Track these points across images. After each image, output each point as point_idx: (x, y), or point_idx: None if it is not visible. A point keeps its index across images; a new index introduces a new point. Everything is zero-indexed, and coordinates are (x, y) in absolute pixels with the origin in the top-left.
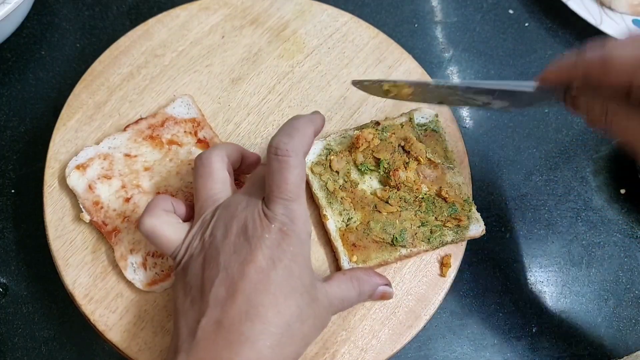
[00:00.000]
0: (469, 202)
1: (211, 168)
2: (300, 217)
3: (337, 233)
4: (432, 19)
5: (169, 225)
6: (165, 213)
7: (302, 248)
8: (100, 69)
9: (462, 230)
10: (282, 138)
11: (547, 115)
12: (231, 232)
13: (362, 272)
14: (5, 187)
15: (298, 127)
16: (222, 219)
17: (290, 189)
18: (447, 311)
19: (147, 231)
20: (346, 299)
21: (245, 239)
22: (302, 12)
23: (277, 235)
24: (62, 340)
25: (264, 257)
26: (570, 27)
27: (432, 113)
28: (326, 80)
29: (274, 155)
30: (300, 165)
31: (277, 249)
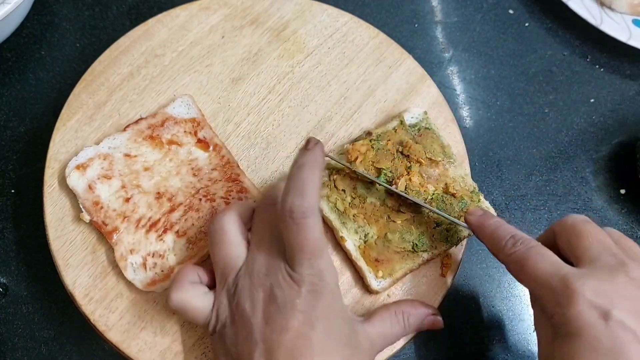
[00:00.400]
0: (476, 192)
1: (224, 233)
2: (328, 271)
3: (357, 252)
4: (432, 19)
5: (197, 297)
6: (192, 286)
7: (335, 300)
8: (100, 69)
9: None
10: (295, 200)
11: (547, 115)
12: (258, 302)
13: (407, 304)
14: (5, 187)
15: (306, 180)
16: (246, 289)
17: (313, 246)
18: (447, 311)
19: (177, 306)
20: (391, 335)
21: (275, 308)
22: (302, 12)
23: (308, 296)
24: (62, 340)
25: (300, 323)
26: (570, 27)
27: (421, 111)
28: (326, 80)
29: (290, 218)
30: (319, 220)
31: (312, 310)
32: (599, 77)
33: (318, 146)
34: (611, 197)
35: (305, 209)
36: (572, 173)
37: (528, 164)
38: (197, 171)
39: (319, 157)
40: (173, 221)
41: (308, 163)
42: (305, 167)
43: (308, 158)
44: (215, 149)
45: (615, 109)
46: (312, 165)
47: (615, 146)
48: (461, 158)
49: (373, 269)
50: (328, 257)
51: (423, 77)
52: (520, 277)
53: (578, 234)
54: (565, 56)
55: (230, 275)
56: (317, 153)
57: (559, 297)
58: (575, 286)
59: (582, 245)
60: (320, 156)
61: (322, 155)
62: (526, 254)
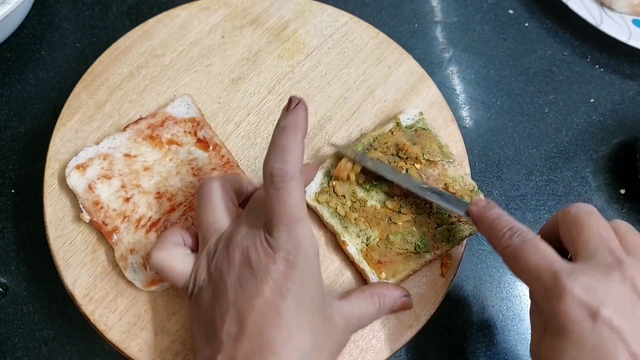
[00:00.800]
0: (476, 191)
1: (211, 196)
2: (305, 240)
3: (360, 255)
4: (432, 19)
5: (177, 258)
6: (173, 246)
7: (311, 272)
8: (100, 69)
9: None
10: (275, 163)
11: (547, 115)
12: (234, 264)
13: (381, 286)
14: (5, 187)
15: (287, 145)
16: (224, 251)
17: (292, 213)
18: (447, 311)
19: (156, 265)
20: (365, 316)
21: (250, 272)
22: (302, 12)
23: (283, 264)
24: (62, 340)
25: (271, 290)
26: (570, 27)
27: (416, 112)
28: (326, 80)
29: (270, 181)
30: (299, 186)
31: (284, 279)
32: (599, 77)
33: (300, 106)
34: (611, 197)
35: (285, 172)
36: (572, 173)
37: (528, 164)
38: (197, 171)
39: (301, 119)
40: (173, 221)
41: (289, 125)
42: (287, 130)
43: (290, 120)
44: (215, 148)
45: (615, 109)
46: (293, 128)
47: (615, 146)
48: (461, 158)
49: (376, 270)
50: (307, 225)
51: (423, 77)
52: (515, 270)
53: (579, 226)
54: (565, 56)
55: (212, 238)
56: (299, 114)
57: (549, 292)
58: (565, 282)
59: (581, 238)
60: (302, 118)
61: (304, 117)
62: (521, 246)
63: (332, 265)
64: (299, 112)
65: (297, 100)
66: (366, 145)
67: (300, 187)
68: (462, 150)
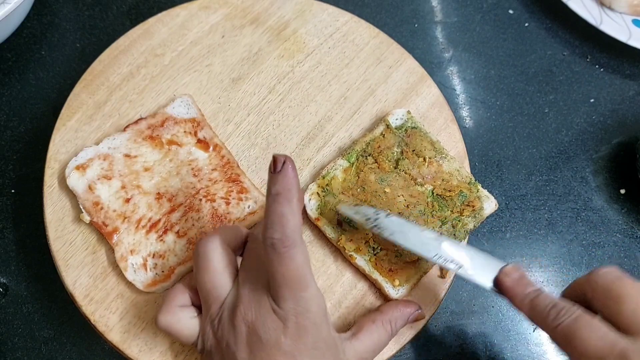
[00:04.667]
0: (473, 182)
1: (208, 260)
2: (314, 302)
3: (370, 266)
4: (432, 19)
5: (183, 322)
6: (180, 309)
7: (321, 331)
8: (100, 69)
9: (478, 212)
10: (274, 234)
11: (547, 115)
12: (241, 337)
13: (391, 310)
14: (5, 187)
15: (283, 213)
16: (230, 323)
17: (297, 278)
18: (447, 311)
19: (163, 329)
20: (379, 346)
21: (259, 347)
22: (302, 12)
23: (293, 333)
24: (62, 340)
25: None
26: (570, 27)
27: (404, 111)
28: (326, 80)
29: (272, 250)
30: (301, 250)
31: (296, 347)
32: (599, 77)
33: (287, 167)
34: (611, 197)
35: (284, 239)
36: (572, 173)
37: (528, 164)
38: (197, 171)
39: (292, 182)
40: (173, 222)
41: (283, 192)
42: (280, 198)
43: (282, 186)
44: (215, 149)
45: (615, 109)
46: (286, 194)
47: (615, 146)
48: (461, 158)
49: (389, 279)
50: (314, 287)
51: (423, 77)
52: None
53: (617, 298)
54: (565, 56)
55: (214, 305)
56: (288, 177)
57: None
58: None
59: (626, 311)
60: (292, 179)
61: (294, 177)
62: (573, 326)
63: (343, 278)
64: (288, 175)
65: (282, 159)
66: (360, 152)
67: (303, 250)
68: (462, 150)
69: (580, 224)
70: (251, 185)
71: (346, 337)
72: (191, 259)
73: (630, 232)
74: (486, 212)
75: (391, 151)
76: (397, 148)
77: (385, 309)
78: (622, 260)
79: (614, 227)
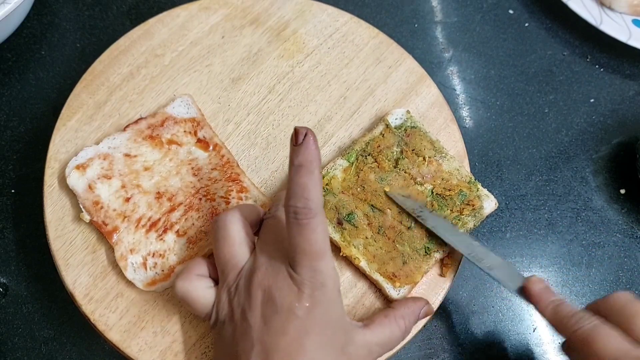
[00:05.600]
0: (473, 182)
1: (227, 231)
2: (329, 277)
3: (371, 268)
4: (432, 19)
5: (200, 289)
6: (197, 278)
7: (333, 308)
8: (100, 69)
9: (478, 211)
10: (297, 202)
11: (547, 115)
12: (257, 303)
13: (403, 307)
14: (5, 187)
15: (306, 183)
16: (246, 290)
17: (316, 249)
18: (447, 311)
19: (180, 294)
20: (391, 341)
21: (273, 310)
22: (302, 12)
23: (307, 302)
24: (62, 340)
25: (296, 328)
26: (570, 27)
27: (404, 111)
28: (326, 80)
29: (294, 219)
30: (323, 221)
31: (308, 316)
32: (599, 77)
33: (309, 139)
34: (611, 197)
35: (308, 210)
36: (572, 173)
37: (528, 164)
38: (197, 171)
39: (314, 154)
40: (173, 221)
41: (305, 164)
42: (303, 170)
43: (304, 157)
44: (215, 148)
45: (615, 109)
46: (309, 166)
47: (615, 146)
48: (461, 158)
49: (390, 281)
50: (331, 261)
51: (423, 77)
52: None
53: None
54: (565, 56)
55: (231, 274)
56: (310, 149)
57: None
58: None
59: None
60: (315, 151)
61: (317, 149)
62: (593, 331)
63: (342, 277)
64: (310, 146)
65: (304, 131)
66: (360, 152)
67: (324, 222)
68: (462, 150)
69: (580, 224)
70: (251, 185)
71: (357, 325)
72: (191, 258)
73: (630, 232)
74: (486, 211)
75: (391, 150)
76: (397, 147)
77: (397, 305)
78: (622, 260)
79: (614, 227)
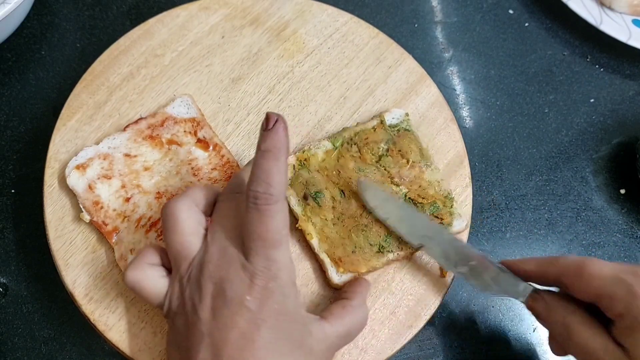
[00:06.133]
0: (450, 198)
1: (176, 219)
2: (285, 267)
3: (320, 248)
4: (432, 19)
5: (152, 279)
6: (149, 267)
7: (287, 300)
8: (100, 69)
9: (445, 227)
10: (258, 187)
11: (547, 115)
12: (207, 295)
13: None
14: (5, 187)
15: (270, 168)
16: (196, 281)
17: (273, 236)
18: (447, 311)
19: (130, 284)
20: (350, 333)
21: (223, 303)
22: (302, 12)
23: (259, 294)
24: (62, 340)
25: (246, 321)
26: (570, 27)
27: (402, 112)
28: (326, 80)
29: (253, 204)
30: (283, 209)
31: (259, 309)
32: (599, 77)
33: (279, 125)
34: (611, 197)
35: (269, 195)
36: (572, 173)
37: (528, 164)
38: (197, 171)
39: (282, 140)
40: None
41: (272, 149)
42: (269, 155)
43: (271, 143)
44: (215, 148)
45: (615, 109)
46: (276, 152)
47: (615, 146)
48: (461, 158)
49: (335, 264)
50: (287, 251)
51: (423, 77)
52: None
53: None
54: (565, 56)
55: (182, 265)
56: (279, 135)
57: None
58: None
59: None
60: (283, 137)
61: (285, 136)
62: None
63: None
64: (279, 133)
65: (275, 118)
66: (347, 139)
67: (284, 210)
68: (462, 150)
69: (580, 224)
70: None
71: (315, 319)
72: None
73: (630, 232)
74: (454, 229)
75: (377, 146)
76: (384, 145)
77: (351, 295)
78: (622, 260)
79: (614, 227)
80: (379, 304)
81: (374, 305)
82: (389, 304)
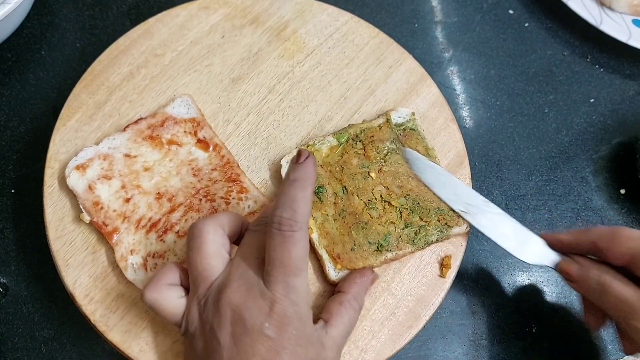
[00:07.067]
0: None
1: (202, 240)
2: (302, 295)
3: (319, 243)
4: (432, 19)
5: (170, 300)
6: (167, 287)
7: (304, 326)
8: (100, 69)
9: (447, 228)
10: (284, 212)
11: (547, 115)
12: (226, 321)
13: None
14: (5, 187)
15: (296, 196)
16: (215, 306)
17: (294, 263)
18: (447, 311)
19: (148, 305)
20: (351, 327)
21: (243, 330)
22: (302, 12)
23: (277, 321)
24: (62, 340)
25: (267, 349)
26: (570, 27)
27: (409, 112)
28: (326, 80)
29: (277, 230)
30: (305, 238)
31: (280, 337)
32: (599, 77)
33: (310, 160)
34: (611, 197)
35: (294, 222)
36: (572, 173)
37: (528, 164)
38: (197, 171)
39: (310, 172)
40: (173, 221)
41: (299, 179)
42: (297, 184)
43: (300, 173)
44: (215, 149)
45: (615, 109)
46: (304, 183)
47: (615, 146)
48: (461, 158)
49: (333, 260)
50: (305, 279)
51: (423, 77)
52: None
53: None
54: (565, 56)
55: (202, 286)
56: (308, 167)
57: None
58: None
59: None
60: (312, 171)
61: (313, 170)
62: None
63: None
64: (309, 166)
65: (307, 154)
66: (352, 136)
67: (306, 239)
68: (462, 150)
69: (580, 224)
70: (251, 185)
71: (321, 327)
72: None
73: None
74: (454, 232)
75: (383, 145)
76: (390, 144)
77: (346, 288)
78: None
79: None
80: (379, 304)
81: (374, 306)
82: (388, 304)
